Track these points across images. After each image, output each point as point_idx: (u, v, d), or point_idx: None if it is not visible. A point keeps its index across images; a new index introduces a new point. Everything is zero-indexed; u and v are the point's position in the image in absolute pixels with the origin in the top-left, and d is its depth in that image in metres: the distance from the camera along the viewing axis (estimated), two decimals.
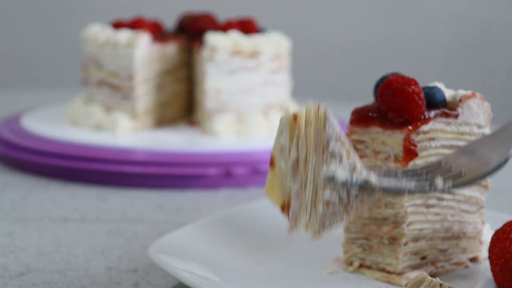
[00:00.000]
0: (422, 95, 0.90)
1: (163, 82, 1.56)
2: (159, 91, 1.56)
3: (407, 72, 0.98)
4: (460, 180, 0.79)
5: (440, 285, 0.75)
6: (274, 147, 0.81)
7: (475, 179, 0.79)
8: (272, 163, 0.80)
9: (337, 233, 0.98)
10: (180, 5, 2.31)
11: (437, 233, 0.94)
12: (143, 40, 1.50)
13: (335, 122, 0.79)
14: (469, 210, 0.96)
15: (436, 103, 0.92)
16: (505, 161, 0.80)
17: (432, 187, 0.78)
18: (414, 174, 0.81)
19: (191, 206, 1.26)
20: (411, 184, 0.79)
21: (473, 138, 0.94)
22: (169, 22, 1.81)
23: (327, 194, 0.76)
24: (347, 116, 0.96)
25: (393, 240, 0.92)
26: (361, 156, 0.93)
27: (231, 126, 1.49)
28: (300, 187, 0.78)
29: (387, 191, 0.77)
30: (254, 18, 1.58)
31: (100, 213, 1.21)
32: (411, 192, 0.78)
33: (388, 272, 0.93)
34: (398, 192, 0.78)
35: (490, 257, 0.91)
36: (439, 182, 0.78)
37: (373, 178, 0.77)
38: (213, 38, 1.49)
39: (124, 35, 1.50)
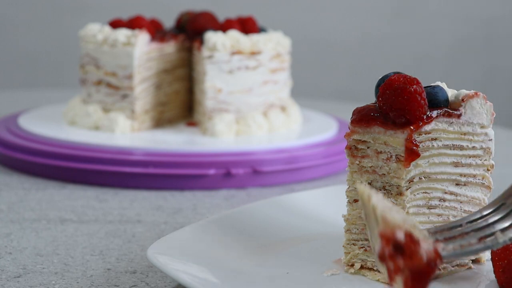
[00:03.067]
0: (424, 94, 0.90)
1: (162, 81, 1.56)
2: (158, 90, 1.55)
3: (408, 71, 0.97)
4: None
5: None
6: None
7: None
8: None
9: (338, 234, 0.98)
10: (180, 4, 2.30)
11: None
12: (141, 39, 1.49)
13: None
14: (471, 211, 0.95)
15: (438, 102, 0.92)
16: None
17: (496, 244, 0.79)
18: (476, 231, 0.82)
19: (190, 206, 1.26)
20: (474, 242, 0.80)
21: (475, 138, 0.93)
22: (169, 21, 1.80)
23: None
24: (348, 116, 0.95)
25: None
26: (362, 156, 0.92)
27: (231, 126, 1.48)
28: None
29: (454, 256, 0.79)
30: (254, 17, 1.57)
31: (98, 214, 1.20)
32: (478, 252, 0.79)
33: None
34: (465, 255, 0.80)
35: (492, 259, 0.90)
36: (500, 236, 0.79)
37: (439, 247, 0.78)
38: (213, 37, 1.48)
39: (123, 34, 1.49)
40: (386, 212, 0.77)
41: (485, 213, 0.83)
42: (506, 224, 0.81)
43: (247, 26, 1.54)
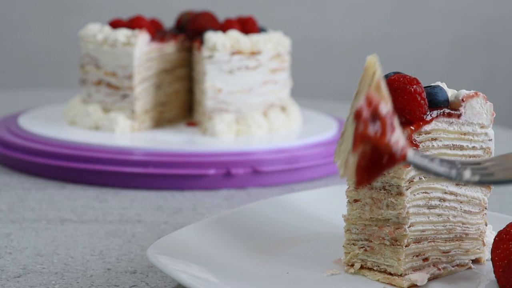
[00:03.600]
0: (424, 94, 0.90)
1: (162, 81, 1.56)
2: (158, 90, 1.55)
3: (409, 71, 0.97)
4: (488, 178, 0.79)
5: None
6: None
7: (503, 181, 0.79)
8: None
9: (338, 234, 0.98)
10: (180, 4, 2.30)
11: (439, 234, 0.93)
12: (141, 39, 1.49)
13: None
14: (471, 211, 0.95)
15: (438, 102, 0.92)
16: None
17: (459, 176, 0.78)
18: (449, 162, 0.81)
19: (190, 206, 1.26)
20: (440, 168, 0.78)
21: (475, 138, 0.93)
22: (169, 21, 1.80)
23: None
24: None
25: (395, 242, 0.91)
26: None
27: (231, 126, 1.48)
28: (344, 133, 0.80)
29: (416, 166, 0.77)
30: (254, 17, 1.57)
31: (98, 214, 1.20)
32: (437, 174, 0.78)
33: (390, 273, 0.92)
34: (425, 171, 0.78)
35: (492, 259, 0.90)
36: (467, 173, 0.78)
37: (410, 152, 0.77)
38: (213, 37, 1.48)
39: (123, 34, 1.50)
40: (383, 83, 0.76)
41: (465, 161, 0.84)
42: (479, 169, 0.80)
43: (247, 26, 1.54)
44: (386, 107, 0.74)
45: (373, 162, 0.74)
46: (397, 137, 0.74)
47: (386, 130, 0.73)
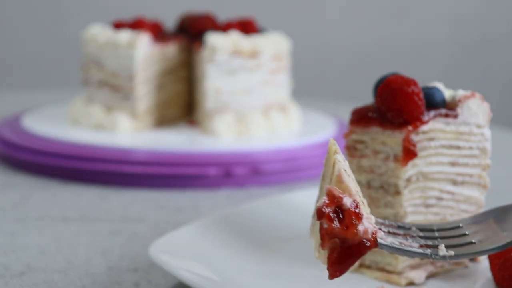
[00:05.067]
0: (421, 95, 0.91)
1: (164, 82, 1.57)
2: (159, 91, 1.56)
3: (406, 72, 0.98)
4: (465, 249, 0.79)
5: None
6: None
7: (479, 253, 0.79)
8: None
9: None
10: (181, 5, 2.31)
11: None
12: (143, 41, 1.50)
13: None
14: (468, 210, 0.96)
15: (435, 103, 0.93)
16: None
17: (434, 253, 0.78)
18: (425, 234, 0.81)
19: (191, 206, 1.27)
20: (415, 246, 0.78)
21: (472, 138, 0.94)
22: (170, 22, 1.81)
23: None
24: (347, 116, 0.96)
25: None
26: (361, 156, 0.93)
27: (231, 126, 1.49)
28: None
29: (388, 249, 0.77)
30: (254, 18, 1.58)
31: (100, 213, 1.21)
32: (412, 254, 0.78)
33: (388, 271, 0.93)
34: (399, 253, 0.77)
35: (489, 257, 0.91)
36: (442, 249, 0.78)
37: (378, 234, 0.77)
38: (213, 38, 1.49)
39: (125, 35, 1.50)
40: (344, 174, 0.74)
41: (437, 227, 0.83)
42: (453, 242, 0.80)
43: (247, 27, 1.55)
44: (349, 199, 0.73)
45: (344, 254, 0.73)
46: (365, 226, 0.73)
47: (353, 222, 0.73)
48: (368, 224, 0.74)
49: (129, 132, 1.50)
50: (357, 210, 0.73)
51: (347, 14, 3.00)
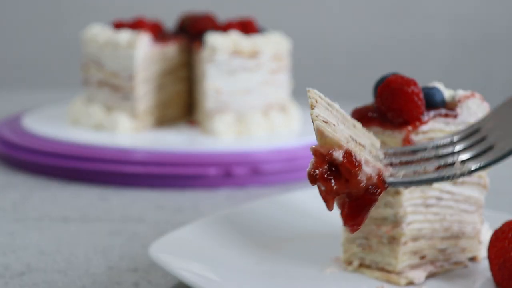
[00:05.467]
0: (421, 95, 0.91)
1: (164, 82, 1.57)
2: (159, 91, 1.56)
3: (406, 72, 0.98)
4: (483, 158, 0.71)
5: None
6: None
7: (497, 160, 0.71)
8: None
9: (337, 233, 0.99)
10: (181, 5, 2.31)
11: (436, 232, 0.94)
12: (143, 41, 1.50)
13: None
14: (468, 210, 0.96)
15: (435, 103, 0.93)
16: None
17: (450, 175, 0.70)
18: (441, 147, 0.74)
19: (191, 206, 1.27)
20: (430, 170, 0.71)
21: None
22: (170, 22, 1.81)
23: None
24: None
25: (393, 240, 0.92)
26: None
27: (231, 126, 1.49)
28: None
29: (402, 185, 0.70)
30: (254, 18, 1.58)
31: (100, 213, 1.21)
32: (427, 182, 0.71)
33: (388, 271, 0.93)
34: (415, 184, 0.71)
35: (489, 257, 0.91)
36: (457, 168, 0.71)
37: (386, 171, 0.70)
38: (213, 38, 1.49)
39: (125, 35, 1.51)
40: (325, 128, 0.68)
41: (456, 138, 0.76)
42: (468, 155, 0.73)
43: (247, 27, 1.55)
44: (339, 151, 0.67)
45: (356, 206, 0.67)
46: (367, 172, 0.67)
47: (351, 173, 0.66)
48: (369, 168, 0.68)
49: (129, 132, 1.50)
50: (352, 159, 0.67)
51: (347, 14, 3.00)
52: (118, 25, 1.57)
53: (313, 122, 0.69)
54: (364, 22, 3.01)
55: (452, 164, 0.71)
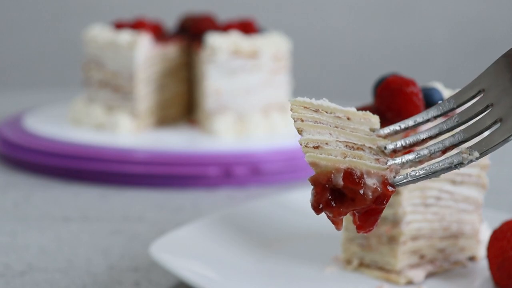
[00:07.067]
0: (420, 95, 0.91)
1: (164, 82, 1.57)
2: (160, 91, 1.56)
3: (406, 72, 0.99)
4: (489, 140, 0.65)
5: None
6: None
7: (503, 141, 0.65)
8: None
9: (337, 232, 0.99)
10: (181, 6, 2.31)
11: (436, 232, 0.94)
12: (144, 41, 1.51)
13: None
14: (467, 210, 0.96)
15: (434, 103, 0.93)
16: None
17: (459, 163, 0.65)
18: (445, 123, 0.68)
19: (191, 205, 1.27)
20: (436, 156, 0.66)
21: None
22: (170, 22, 1.81)
23: None
24: None
25: (392, 239, 0.93)
26: None
27: (231, 126, 1.49)
28: None
29: (410, 181, 0.66)
30: (254, 19, 1.59)
31: (101, 213, 1.22)
32: (436, 175, 0.66)
33: (387, 270, 0.93)
34: (422, 180, 0.66)
35: (488, 256, 0.91)
36: (465, 158, 0.65)
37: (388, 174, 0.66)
38: (213, 39, 1.49)
39: (125, 36, 1.51)
40: (316, 157, 0.65)
41: (457, 105, 0.69)
42: (474, 136, 0.67)
43: (247, 27, 1.56)
44: (337, 175, 0.64)
45: (365, 215, 0.65)
46: (370, 184, 0.64)
47: (355, 192, 0.63)
48: (373, 179, 0.64)
49: (130, 132, 1.50)
50: (353, 178, 0.64)
51: (347, 14, 3.01)
52: (119, 26, 1.57)
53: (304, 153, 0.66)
54: (364, 22, 3.01)
55: (459, 143, 0.67)
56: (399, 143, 0.68)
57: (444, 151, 0.67)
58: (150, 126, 1.55)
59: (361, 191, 0.64)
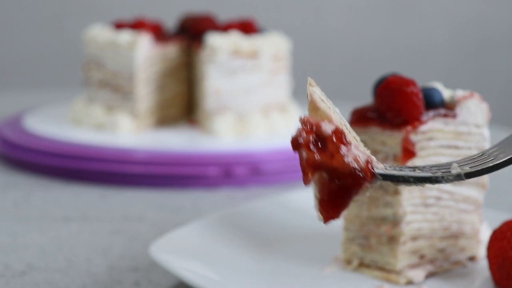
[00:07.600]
0: (420, 95, 0.91)
1: (164, 82, 1.57)
2: (160, 91, 1.56)
3: (406, 72, 0.99)
4: (481, 165, 0.65)
5: None
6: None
7: (498, 166, 0.66)
8: None
9: (337, 232, 0.99)
10: (181, 6, 2.31)
11: (436, 232, 0.94)
12: (144, 41, 1.51)
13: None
14: (467, 210, 0.96)
15: (434, 103, 0.93)
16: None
17: (446, 175, 0.64)
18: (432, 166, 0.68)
19: (191, 205, 1.27)
20: (423, 173, 0.65)
21: (471, 138, 0.95)
22: (170, 22, 1.81)
23: None
24: (346, 116, 0.97)
25: (392, 239, 0.93)
26: None
27: (231, 126, 1.49)
28: None
29: (391, 178, 0.64)
30: (254, 19, 1.59)
31: (101, 213, 1.22)
32: (420, 181, 0.65)
33: (387, 270, 0.93)
34: (404, 180, 0.65)
35: (488, 256, 0.91)
36: (455, 167, 0.65)
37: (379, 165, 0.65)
38: (213, 39, 1.49)
39: (125, 36, 1.51)
40: (320, 101, 0.63)
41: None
42: (468, 161, 0.67)
43: (247, 27, 1.56)
44: (329, 125, 0.61)
45: (336, 191, 0.61)
46: (355, 153, 0.61)
47: (338, 149, 0.60)
48: (358, 151, 0.62)
49: (130, 132, 1.50)
50: (341, 137, 0.61)
51: (347, 14, 3.01)
52: (119, 26, 1.57)
53: (307, 96, 0.64)
54: (364, 22, 3.01)
55: (448, 166, 0.66)
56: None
57: (431, 167, 0.66)
58: (150, 126, 1.55)
59: (343, 151, 0.60)
